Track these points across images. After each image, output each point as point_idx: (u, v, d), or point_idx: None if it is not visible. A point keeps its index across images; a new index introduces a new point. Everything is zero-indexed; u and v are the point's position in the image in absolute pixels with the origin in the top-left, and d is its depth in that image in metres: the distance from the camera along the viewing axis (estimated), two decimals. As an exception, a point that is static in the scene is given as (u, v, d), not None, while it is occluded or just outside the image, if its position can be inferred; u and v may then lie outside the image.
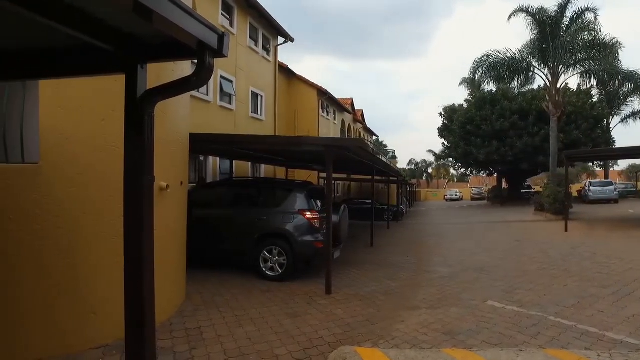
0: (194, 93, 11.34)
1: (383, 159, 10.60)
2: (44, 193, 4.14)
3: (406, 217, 26.91)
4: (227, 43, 2.30)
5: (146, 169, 2.29)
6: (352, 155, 8.71)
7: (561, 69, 22.42)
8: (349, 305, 6.34)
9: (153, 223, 2.37)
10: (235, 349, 4.62)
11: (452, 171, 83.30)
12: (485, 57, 23.44)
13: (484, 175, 54.40)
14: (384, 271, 8.89)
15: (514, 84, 25.82)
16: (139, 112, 2.29)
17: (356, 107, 38.85)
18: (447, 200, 58.25)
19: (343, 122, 32.16)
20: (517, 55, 23.02)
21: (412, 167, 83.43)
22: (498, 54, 23.10)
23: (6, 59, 2.78)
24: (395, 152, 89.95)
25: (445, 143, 42.04)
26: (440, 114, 42.69)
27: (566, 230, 14.90)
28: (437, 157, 67.05)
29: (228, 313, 5.75)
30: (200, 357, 4.41)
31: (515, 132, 31.92)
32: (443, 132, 41.67)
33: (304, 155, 10.32)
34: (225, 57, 2.32)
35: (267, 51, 18.83)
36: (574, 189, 32.78)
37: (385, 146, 78.79)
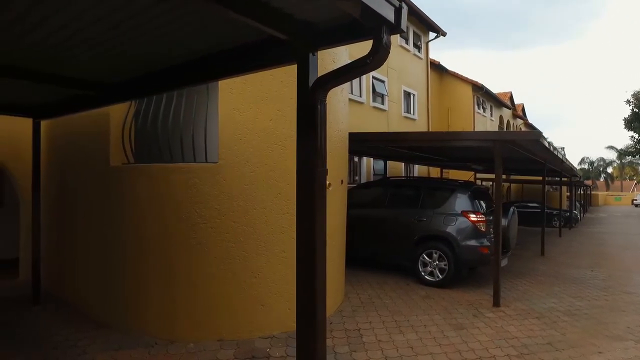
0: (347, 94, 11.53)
1: (559, 155, 9.10)
2: (222, 190, 4.51)
3: (581, 224, 23.06)
4: (404, 16, 2.03)
5: (319, 159, 2.16)
6: (522, 151, 7.65)
7: None
8: (522, 322, 5.49)
9: (325, 215, 2.24)
10: (397, 357, 4.35)
11: (643, 170, 68.88)
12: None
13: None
14: (562, 286, 7.57)
15: None
16: (311, 100, 2.18)
17: (516, 102, 35.06)
18: (636, 205, 48.46)
19: (501, 118, 29.30)
20: None
21: (586, 166, 71.40)
22: None
23: (197, 64, 3.03)
24: (564, 149, 78.40)
25: (635, 136, 34.49)
26: (628, 101, 35.10)
27: None
28: (622, 153, 55.71)
29: (387, 317, 5.51)
30: (361, 360, 4.25)
31: None
32: (632, 123, 34.09)
33: (462, 153, 9.52)
34: (403, 32, 2.05)
35: (418, 48, 18.23)
36: None
37: (551, 143, 69.18)
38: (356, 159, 13.44)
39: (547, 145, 6.90)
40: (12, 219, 7.64)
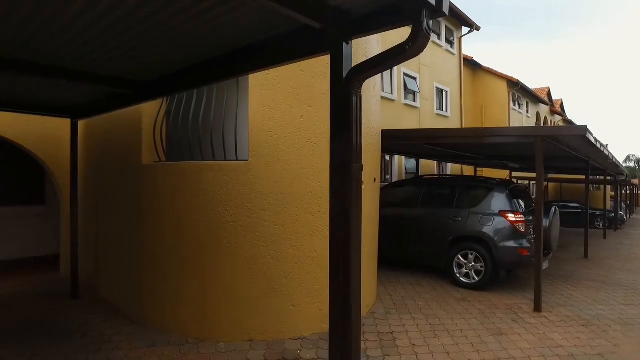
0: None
1: (606, 152, 8.58)
2: (253, 188, 4.45)
3: (627, 226, 21.85)
4: (447, -2, 1.87)
5: (354, 154, 2.02)
6: (565, 148, 7.25)
7: None
8: (568, 329, 5.16)
9: (361, 214, 2.11)
10: (433, 363, 4.16)
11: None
12: None
13: None
14: (610, 291, 7.11)
15: None
16: (345, 91, 2.05)
17: (554, 97, 33.64)
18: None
19: (538, 115, 28.18)
20: None
21: (632, 164, 67.60)
22: None
23: (227, 59, 2.97)
24: (607, 146, 74.06)
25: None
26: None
27: None
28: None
29: (421, 320, 5.32)
30: (396, 365, 4.09)
31: None
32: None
33: (499, 150, 9.13)
34: (445, 15, 1.89)
35: (451, 44, 17.75)
36: None
37: (597, 139, 65.55)
38: (387, 158, 13.21)
39: (593, 140, 6.50)
40: (54, 217, 7.92)
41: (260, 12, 2.28)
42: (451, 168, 17.11)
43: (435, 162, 15.86)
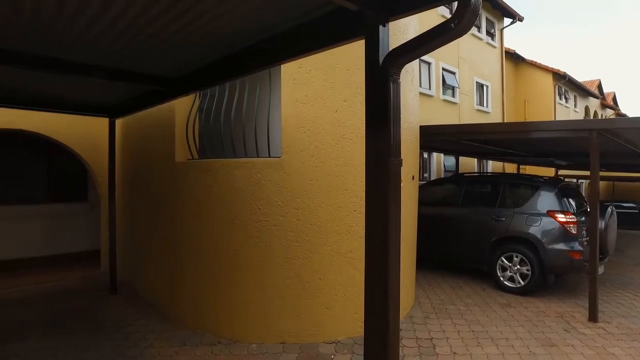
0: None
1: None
2: (285, 186, 4.31)
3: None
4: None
5: (392, 148, 1.82)
6: (622, 142, 6.66)
7: None
8: (632, 344, 4.68)
9: (400, 213, 1.90)
10: (476, 374, 3.87)
11: None
12: None
13: None
14: (678, 301, 6.48)
15: None
16: (382, 77, 1.85)
17: (605, 90, 31.68)
18: None
19: (587, 109, 26.64)
20: None
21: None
22: None
23: (257, 49, 2.84)
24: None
25: None
26: None
27: None
28: None
29: (463, 326, 5.01)
30: (436, 375, 3.84)
31: None
32: None
33: (546, 146, 8.56)
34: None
35: (492, 36, 17.02)
36: None
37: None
38: (425, 155, 12.81)
39: (655, 135, 5.92)
40: (96, 213, 8.15)
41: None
42: (492, 166, 16.43)
43: (476, 159, 15.26)
